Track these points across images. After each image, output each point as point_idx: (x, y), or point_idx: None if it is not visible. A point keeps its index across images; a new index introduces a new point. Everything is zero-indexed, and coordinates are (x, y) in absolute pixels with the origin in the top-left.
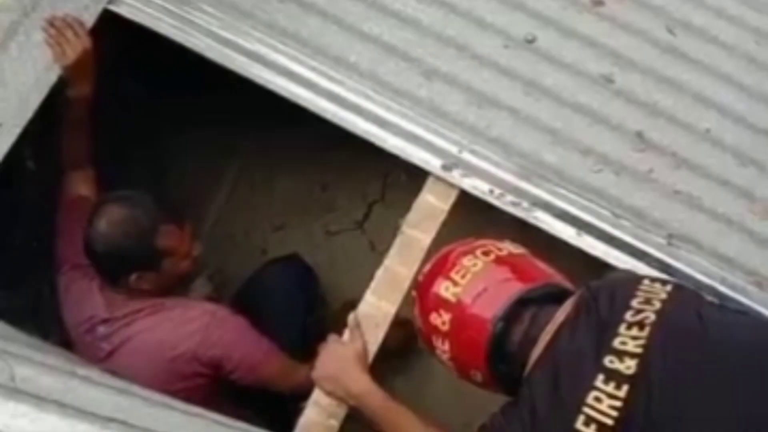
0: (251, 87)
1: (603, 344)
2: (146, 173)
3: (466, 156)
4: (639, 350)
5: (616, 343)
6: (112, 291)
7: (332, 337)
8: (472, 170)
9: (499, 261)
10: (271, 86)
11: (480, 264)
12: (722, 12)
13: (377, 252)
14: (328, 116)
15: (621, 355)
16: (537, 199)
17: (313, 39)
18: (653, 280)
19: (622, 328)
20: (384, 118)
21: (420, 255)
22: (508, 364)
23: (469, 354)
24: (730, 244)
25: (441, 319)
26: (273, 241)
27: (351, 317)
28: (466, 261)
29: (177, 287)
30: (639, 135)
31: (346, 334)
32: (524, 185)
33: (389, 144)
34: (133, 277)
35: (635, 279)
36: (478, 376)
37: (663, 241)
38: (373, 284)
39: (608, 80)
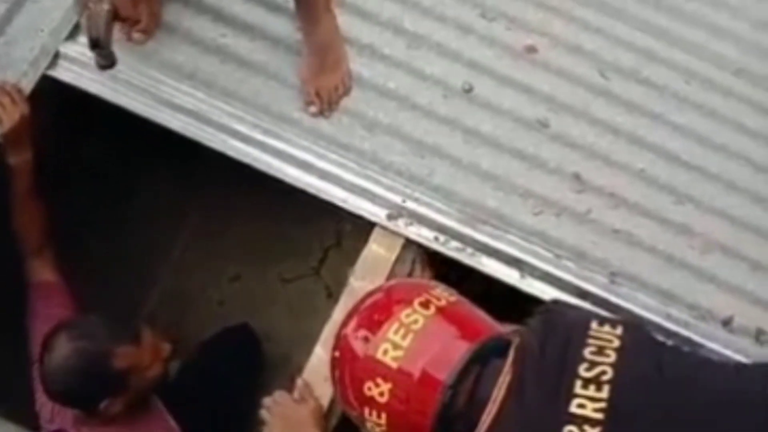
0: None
1: (559, 409)
2: (105, 239)
3: (410, 205)
4: (600, 416)
5: (574, 407)
6: (86, 420)
7: (280, 394)
8: (416, 218)
9: (441, 315)
10: (213, 145)
11: (421, 320)
12: (651, 54)
13: (334, 299)
14: (273, 172)
15: (581, 423)
16: (481, 244)
17: (255, 97)
18: (601, 322)
19: (578, 387)
20: (328, 171)
21: None
22: (452, 430)
23: (412, 426)
24: (672, 280)
25: (378, 390)
26: (230, 292)
27: (299, 381)
28: (405, 317)
29: (158, 384)
30: (576, 176)
31: (296, 394)
32: (468, 231)
33: (334, 196)
34: (104, 404)
35: (583, 324)
36: None
37: (605, 280)
38: (322, 337)
39: (544, 125)
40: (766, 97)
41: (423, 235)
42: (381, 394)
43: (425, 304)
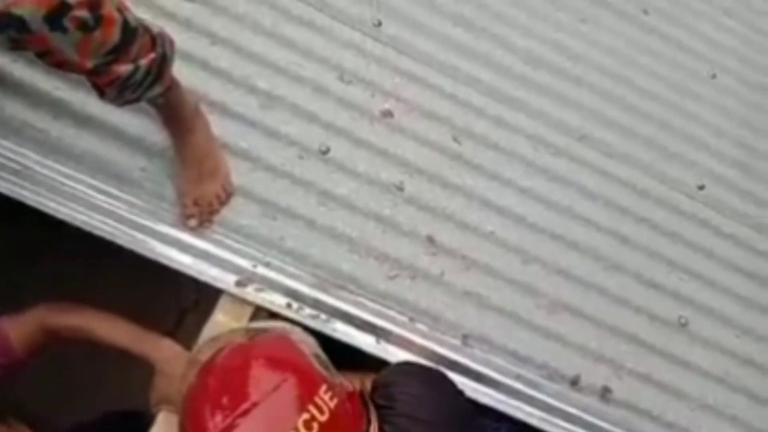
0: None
1: None
2: None
3: (261, 270)
4: None
5: None
6: None
7: None
8: (267, 284)
9: None
10: (45, 209)
11: None
12: (501, 120)
13: None
14: (117, 239)
15: None
16: (335, 309)
17: (91, 155)
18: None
19: None
20: (172, 236)
21: None
22: None
23: None
24: (520, 340)
25: None
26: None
27: None
28: None
29: None
30: (430, 239)
31: None
32: (322, 296)
33: (177, 262)
34: None
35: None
36: None
37: (458, 342)
38: (158, 420)
39: (399, 188)
40: (606, 161)
41: (275, 302)
42: None
43: (309, 423)
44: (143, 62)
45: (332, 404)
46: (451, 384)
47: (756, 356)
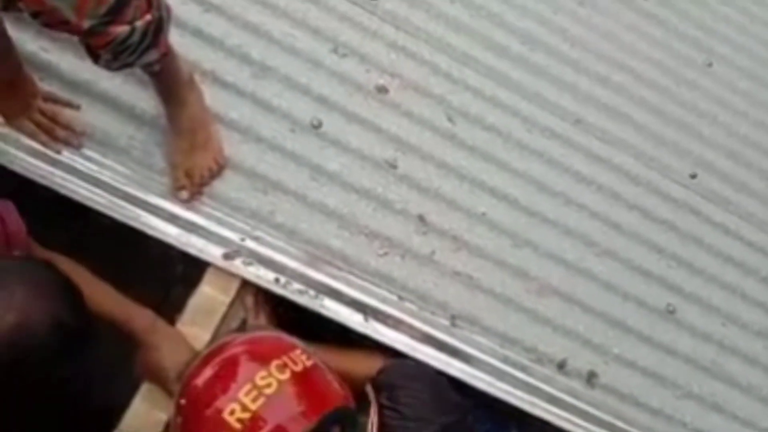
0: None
1: None
2: None
3: (250, 244)
4: None
5: None
6: None
7: None
8: (255, 258)
9: (295, 381)
10: (26, 172)
11: (274, 385)
12: (497, 101)
13: None
14: (100, 207)
15: None
16: (324, 286)
17: (77, 120)
18: None
19: None
20: (159, 206)
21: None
22: None
23: None
24: (509, 323)
25: None
26: None
27: None
28: (260, 379)
29: None
30: (421, 218)
31: None
32: (310, 272)
33: (163, 233)
34: None
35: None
36: None
37: (447, 323)
38: (142, 390)
39: (392, 165)
40: (600, 147)
41: (262, 276)
42: None
43: (282, 368)
44: (139, 24)
45: (308, 363)
46: (445, 381)
47: (741, 345)
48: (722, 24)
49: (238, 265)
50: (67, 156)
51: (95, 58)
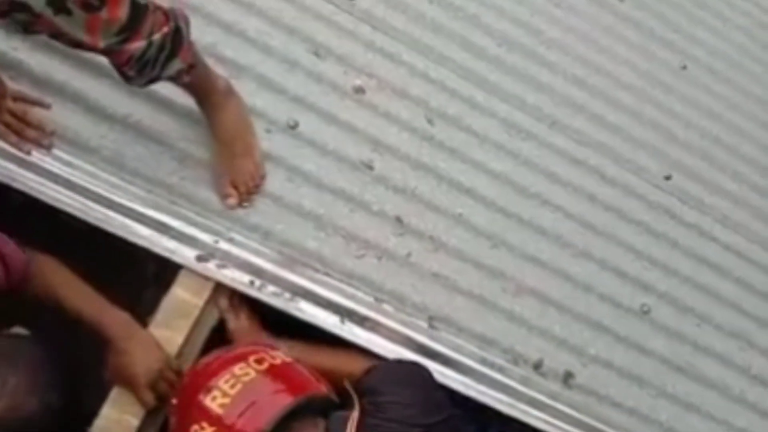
0: None
1: None
2: None
3: (224, 245)
4: None
5: None
6: None
7: None
8: (230, 260)
9: (272, 371)
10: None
11: (252, 374)
12: (474, 103)
13: None
14: (71, 209)
15: None
16: (299, 288)
17: (49, 120)
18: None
19: None
20: (129, 207)
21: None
22: None
23: None
24: (487, 324)
25: None
26: None
27: None
28: (238, 369)
29: None
30: (398, 220)
31: None
32: (286, 274)
33: (134, 234)
34: None
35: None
36: None
37: (424, 324)
38: (112, 395)
39: (368, 166)
40: (576, 148)
41: (237, 278)
42: None
43: (259, 361)
44: (156, 37)
45: (287, 359)
46: (433, 380)
47: (716, 345)
48: (698, 27)
49: (211, 268)
50: (37, 157)
51: (124, 77)
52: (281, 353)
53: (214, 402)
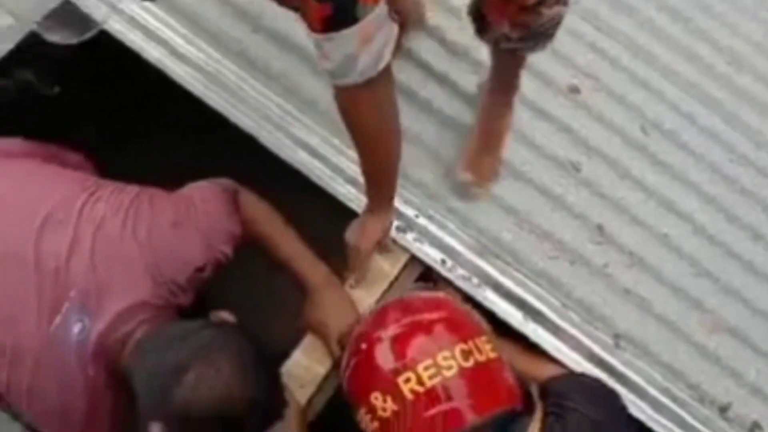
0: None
1: None
2: None
3: (422, 221)
4: None
5: None
6: None
7: None
8: (426, 236)
9: (475, 371)
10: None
11: (454, 369)
12: (694, 119)
13: None
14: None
15: None
16: (488, 277)
17: (285, 77)
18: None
19: None
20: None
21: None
22: None
23: None
24: (676, 355)
25: (384, 404)
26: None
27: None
28: (442, 359)
29: None
30: (599, 227)
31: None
32: (477, 261)
33: (347, 197)
34: None
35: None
36: None
37: (609, 341)
38: (303, 342)
39: (576, 168)
40: None
41: (430, 255)
42: (384, 409)
43: (466, 354)
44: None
45: (491, 355)
46: (625, 410)
47: None
48: None
49: (408, 240)
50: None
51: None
52: (487, 343)
53: (407, 384)
